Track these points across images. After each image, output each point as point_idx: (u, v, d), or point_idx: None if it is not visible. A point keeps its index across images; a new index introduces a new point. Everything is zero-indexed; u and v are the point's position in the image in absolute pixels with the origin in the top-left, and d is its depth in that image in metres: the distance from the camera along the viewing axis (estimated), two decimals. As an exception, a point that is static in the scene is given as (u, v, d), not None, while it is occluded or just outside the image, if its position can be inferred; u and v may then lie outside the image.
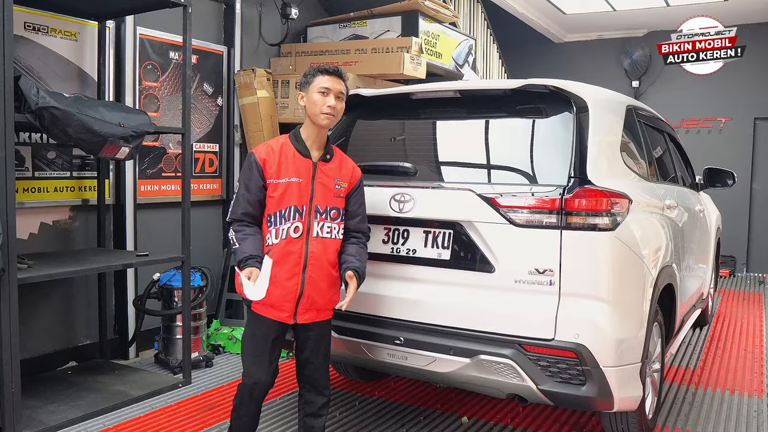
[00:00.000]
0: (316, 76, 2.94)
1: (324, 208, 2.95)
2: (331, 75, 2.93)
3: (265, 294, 2.76)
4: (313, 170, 2.95)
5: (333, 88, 2.91)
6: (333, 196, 2.98)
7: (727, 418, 4.00)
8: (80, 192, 4.75)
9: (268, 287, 2.77)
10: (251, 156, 2.95)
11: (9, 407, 3.42)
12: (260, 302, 2.85)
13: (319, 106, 2.90)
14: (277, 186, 2.91)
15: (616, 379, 2.93)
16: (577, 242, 2.92)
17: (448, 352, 3.09)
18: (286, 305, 2.90)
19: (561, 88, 3.22)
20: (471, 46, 7.16)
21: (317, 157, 2.98)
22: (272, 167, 2.91)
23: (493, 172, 3.30)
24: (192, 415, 3.90)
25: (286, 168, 2.92)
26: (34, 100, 3.38)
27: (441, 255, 3.19)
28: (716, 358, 5.28)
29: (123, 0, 4.40)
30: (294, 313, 2.92)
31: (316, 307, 2.97)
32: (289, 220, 2.90)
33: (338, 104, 2.94)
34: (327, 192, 2.97)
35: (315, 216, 2.93)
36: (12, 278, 3.39)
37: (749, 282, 9.22)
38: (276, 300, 2.88)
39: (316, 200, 2.93)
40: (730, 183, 5.78)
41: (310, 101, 2.93)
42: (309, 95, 2.94)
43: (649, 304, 3.24)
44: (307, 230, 2.91)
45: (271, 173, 2.91)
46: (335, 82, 2.93)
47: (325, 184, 2.97)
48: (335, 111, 2.93)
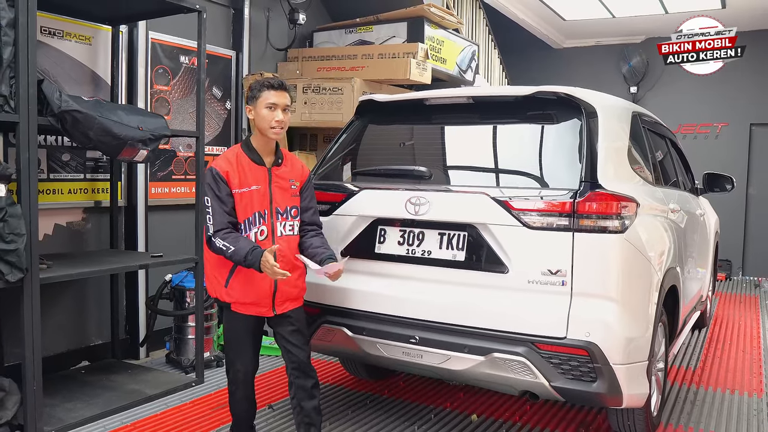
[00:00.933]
0: (263, 91, 3.10)
1: (284, 209, 3.19)
2: (276, 90, 3.10)
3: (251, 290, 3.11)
4: (269, 176, 3.16)
5: (279, 103, 3.09)
6: (290, 196, 3.22)
7: (728, 416, 4.11)
8: (93, 194, 4.83)
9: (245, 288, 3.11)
10: (212, 170, 3.09)
11: (31, 404, 3.49)
12: (240, 302, 3.14)
13: (267, 121, 3.08)
14: (241, 195, 3.10)
15: (625, 377, 3.03)
16: (588, 244, 3.02)
17: (462, 351, 3.18)
18: (264, 301, 3.14)
19: (571, 95, 3.32)
20: (474, 51, 7.27)
21: (270, 163, 3.18)
22: (235, 179, 3.09)
23: (505, 176, 3.41)
24: (207, 413, 3.98)
25: (246, 178, 3.11)
26: (57, 104, 3.47)
27: (456, 256, 3.29)
28: (715, 359, 5.39)
29: (138, 5, 4.48)
30: (272, 306, 3.16)
31: (290, 297, 3.22)
32: (255, 225, 3.12)
33: (285, 117, 3.12)
34: (284, 193, 3.19)
35: (277, 217, 3.16)
36: (34, 278, 3.47)
37: (745, 285, 9.36)
38: (255, 298, 3.13)
39: (276, 203, 3.16)
40: (729, 188, 5.90)
41: (258, 116, 3.11)
42: (257, 110, 3.11)
43: (656, 304, 3.35)
44: (272, 231, 3.13)
45: (235, 184, 3.09)
46: (281, 96, 3.10)
47: (281, 186, 3.19)
48: (283, 124, 3.11)
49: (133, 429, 3.73)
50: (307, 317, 3.43)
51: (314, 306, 3.62)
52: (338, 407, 4.11)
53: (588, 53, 11.05)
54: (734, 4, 8.47)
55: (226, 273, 3.12)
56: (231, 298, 3.14)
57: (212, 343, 4.97)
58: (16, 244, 3.29)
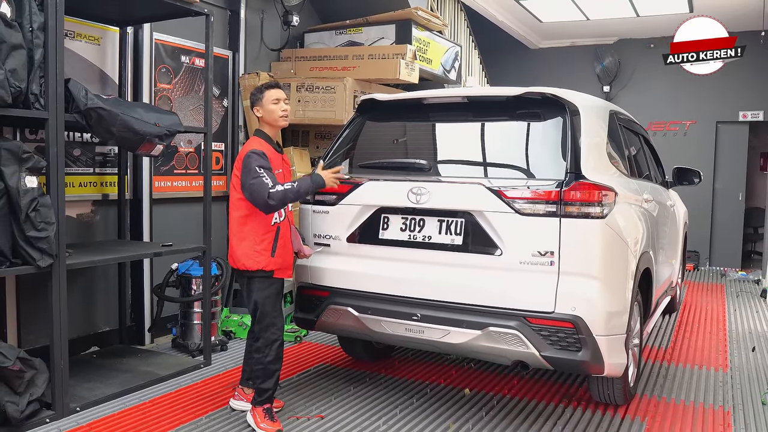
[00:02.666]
0: (265, 92, 3.70)
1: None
2: (277, 88, 3.73)
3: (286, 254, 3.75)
4: (283, 162, 3.80)
5: (281, 97, 3.71)
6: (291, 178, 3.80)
7: (696, 388, 4.51)
8: (101, 187, 5.07)
9: (285, 255, 3.70)
10: (256, 151, 3.59)
11: (58, 382, 3.76)
12: (282, 267, 3.69)
13: (276, 113, 3.69)
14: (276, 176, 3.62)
15: (606, 347, 3.39)
16: (573, 228, 3.38)
17: (460, 326, 3.53)
18: (291, 264, 3.82)
19: (557, 96, 3.68)
20: (457, 52, 7.62)
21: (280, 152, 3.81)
22: (269, 161, 3.60)
23: (498, 168, 3.75)
24: (219, 391, 4.27)
25: (274, 162, 3.66)
26: (83, 102, 3.73)
27: (454, 241, 3.63)
28: (685, 340, 5.81)
29: (147, 8, 4.72)
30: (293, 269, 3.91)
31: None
32: None
33: (287, 107, 3.76)
34: (288, 176, 3.81)
35: None
36: (62, 264, 3.73)
37: (712, 275, 9.87)
38: (290, 262, 3.76)
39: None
40: (696, 181, 6.33)
41: (267, 111, 3.70)
42: (265, 107, 3.70)
43: (632, 283, 3.72)
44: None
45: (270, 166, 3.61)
46: (281, 93, 3.73)
47: (287, 170, 3.83)
48: (287, 113, 3.74)
49: (152, 405, 4.00)
50: (314, 299, 3.81)
51: (322, 289, 3.94)
52: (340, 384, 4.42)
53: (563, 53, 11.48)
54: (702, 8, 8.93)
55: (270, 243, 3.61)
56: (276, 265, 3.64)
57: (216, 329, 5.25)
58: (47, 231, 3.56)
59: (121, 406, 3.98)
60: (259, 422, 3.60)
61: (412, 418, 3.87)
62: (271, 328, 3.65)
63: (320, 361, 4.94)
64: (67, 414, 3.79)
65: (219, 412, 3.92)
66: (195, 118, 5.74)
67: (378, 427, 3.74)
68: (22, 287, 4.41)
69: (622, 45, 10.95)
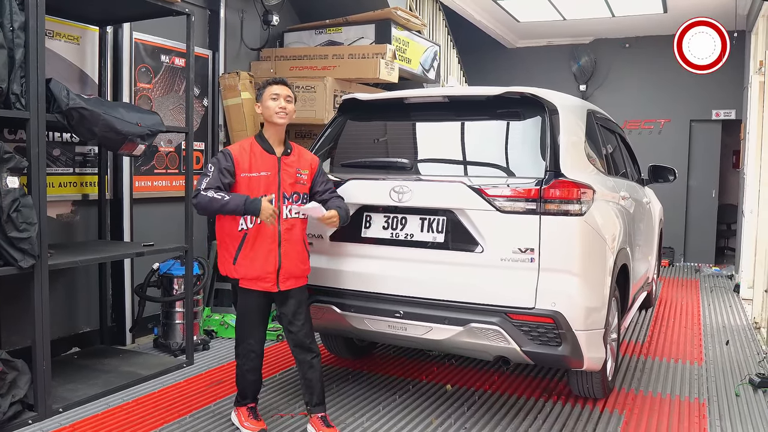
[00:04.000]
0: (267, 87, 3.56)
1: (290, 194, 3.53)
2: (278, 84, 3.56)
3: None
4: (278, 164, 3.52)
5: (282, 93, 3.52)
6: (296, 182, 3.56)
7: (672, 381, 4.61)
8: (81, 187, 5.04)
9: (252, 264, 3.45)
10: (226, 151, 3.51)
11: (41, 383, 3.75)
12: (247, 278, 3.48)
13: (272, 109, 3.50)
14: (249, 180, 3.46)
15: (585, 341, 3.47)
16: (553, 225, 3.45)
17: (443, 322, 3.58)
18: (269, 276, 3.48)
19: (536, 95, 3.75)
20: (436, 51, 7.68)
21: (280, 152, 3.55)
22: (245, 163, 3.48)
23: (479, 167, 3.81)
24: (202, 390, 4.28)
25: (256, 164, 3.48)
26: (64, 102, 3.72)
27: (436, 238, 3.68)
28: (661, 334, 5.93)
29: (127, 7, 4.70)
30: (276, 282, 3.50)
31: (294, 276, 3.56)
32: None
33: (288, 105, 3.53)
34: (291, 180, 3.54)
35: (283, 201, 3.50)
36: (44, 264, 3.72)
37: (686, 270, 10.05)
38: (260, 273, 3.47)
39: (283, 188, 3.51)
40: (671, 179, 6.45)
41: (265, 107, 3.54)
42: (264, 103, 3.55)
43: (610, 279, 3.80)
44: (279, 214, 3.45)
45: (244, 168, 3.47)
46: (282, 88, 3.54)
47: (289, 173, 3.54)
48: (286, 110, 3.52)
49: (135, 405, 4.00)
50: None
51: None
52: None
53: (540, 53, 11.60)
54: (675, 8, 9.09)
55: (233, 251, 3.47)
56: (239, 274, 3.48)
57: (198, 328, 5.25)
58: (29, 232, 3.54)
59: (104, 406, 3.98)
60: (243, 421, 3.62)
61: (395, 414, 3.92)
62: (240, 343, 3.61)
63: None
64: (50, 415, 3.78)
65: (203, 410, 3.93)
66: (175, 117, 5.74)
67: (362, 423, 3.78)
68: (3, 288, 4.38)
69: (598, 45, 11.09)
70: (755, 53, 7.85)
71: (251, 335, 3.59)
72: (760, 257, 6.44)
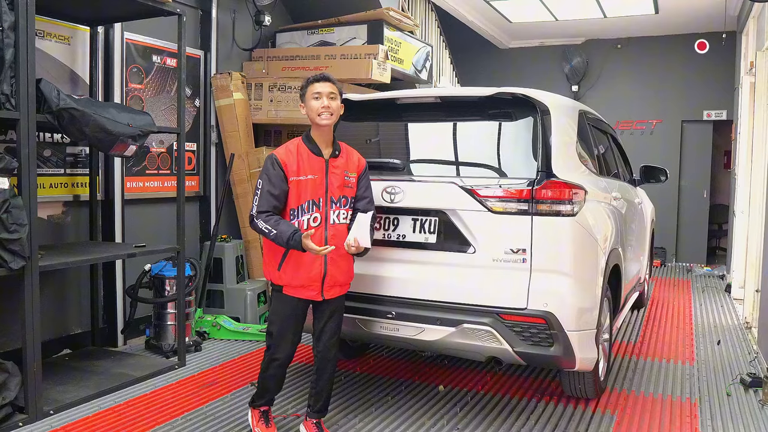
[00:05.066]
0: (308, 86, 3.38)
1: (338, 198, 3.38)
2: (319, 81, 3.37)
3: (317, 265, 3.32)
4: (326, 167, 3.36)
5: (323, 91, 3.34)
6: (344, 186, 3.41)
7: (664, 381, 4.62)
8: (73, 188, 5.02)
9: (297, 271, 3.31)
10: (272, 156, 3.34)
11: (31, 385, 3.72)
12: (292, 285, 3.33)
13: (315, 110, 3.33)
14: (298, 183, 3.31)
15: (577, 342, 3.47)
16: (545, 226, 3.46)
17: (435, 323, 3.58)
18: (314, 284, 3.35)
19: (528, 96, 3.75)
20: (428, 52, 7.68)
21: (328, 155, 3.39)
22: (293, 166, 3.31)
23: (471, 167, 3.82)
24: (195, 391, 4.26)
25: (304, 167, 3.32)
26: (55, 102, 3.70)
27: (428, 239, 3.68)
28: (653, 334, 5.95)
29: (118, 7, 4.68)
30: (321, 291, 3.37)
31: (339, 284, 3.43)
32: (307, 212, 3.33)
33: (332, 103, 3.35)
34: (339, 183, 3.39)
35: (331, 206, 3.36)
36: (34, 266, 3.70)
37: (678, 270, 10.09)
38: (305, 281, 3.33)
39: (330, 192, 3.36)
40: (663, 179, 6.48)
41: (308, 108, 3.37)
42: (307, 103, 3.38)
43: (602, 279, 3.81)
44: (325, 219, 3.34)
45: (292, 171, 3.31)
46: (324, 85, 3.36)
47: (336, 176, 3.39)
48: (331, 109, 3.34)
49: (126, 407, 3.98)
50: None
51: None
52: (316, 383, 4.44)
53: (532, 53, 11.62)
54: (667, 9, 9.12)
55: (279, 257, 3.33)
56: (283, 281, 3.35)
57: (191, 329, 5.23)
58: (19, 233, 3.52)
59: (95, 408, 3.96)
60: (254, 426, 3.55)
61: (388, 415, 3.92)
62: (270, 348, 3.45)
63: (295, 360, 4.93)
64: (41, 417, 3.76)
65: (195, 412, 3.92)
66: (167, 118, 5.72)
67: (354, 424, 3.77)
68: (-8, 290, 4.37)
69: (589, 45, 11.12)
70: (746, 54, 7.89)
71: (280, 345, 3.42)
72: (751, 257, 6.47)
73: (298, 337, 3.48)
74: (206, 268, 5.85)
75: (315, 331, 3.53)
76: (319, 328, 3.50)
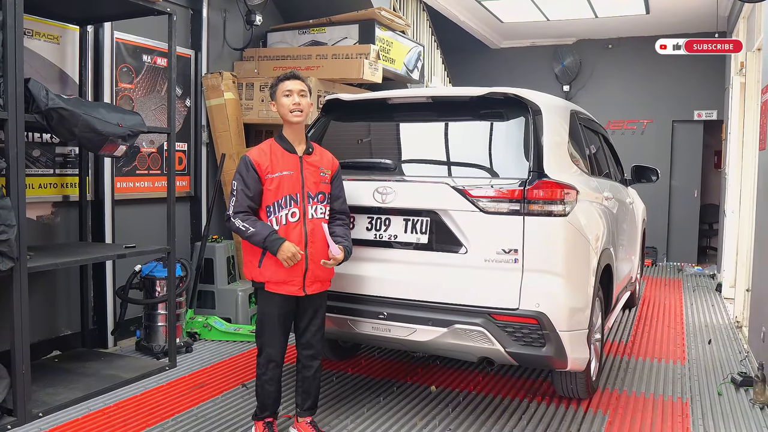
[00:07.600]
0: (278, 85, 3.42)
1: (315, 194, 3.42)
2: (290, 79, 3.41)
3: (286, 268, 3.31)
4: (300, 163, 3.41)
5: (294, 89, 3.37)
6: (320, 182, 3.45)
7: (656, 381, 4.63)
8: (62, 189, 4.98)
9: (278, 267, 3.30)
10: (245, 158, 3.37)
11: (20, 387, 3.69)
12: (273, 281, 3.33)
13: (287, 107, 3.36)
14: (273, 179, 3.35)
15: (569, 342, 3.47)
16: (536, 226, 3.45)
17: (427, 323, 3.57)
18: (295, 280, 3.35)
19: (519, 96, 3.75)
20: (420, 52, 7.68)
21: (301, 151, 3.44)
22: (265, 164, 3.35)
23: (462, 167, 3.80)
24: (185, 393, 4.24)
25: (278, 164, 3.36)
26: (44, 102, 3.67)
27: (419, 239, 3.67)
28: (644, 334, 5.96)
29: (108, 6, 4.65)
30: (303, 286, 3.37)
31: (320, 279, 3.44)
32: (285, 207, 3.35)
33: (302, 100, 3.38)
34: (314, 179, 3.43)
35: (308, 201, 3.39)
36: (23, 267, 3.67)
37: (669, 270, 10.13)
38: (286, 276, 3.34)
39: (307, 187, 3.39)
40: (654, 179, 6.49)
41: (279, 105, 3.41)
42: (278, 101, 3.41)
43: (594, 279, 3.81)
44: (303, 214, 3.36)
45: (266, 169, 3.34)
46: (295, 83, 3.39)
47: (311, 172, 3.43)
48: (301, 107, 3.37)
49: (117, 409, 3.96)
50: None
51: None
52: (308, 384, 4.43)
53: (523, 53, 11.64)
54: (657, 10, 9.15)
55: (258, 254, 3.34)
56: (264, 277, 3.36)
57: (182, 330, 5.20)
58: (7, 234, 3.49)
59: (85, 410, 3.93)
60: None
61: (380, 416, 3.91)
62: (261, 351, 3.45)
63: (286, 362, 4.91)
64: (30, 420, 3.73)
65: (186, 414, 3.89)
66: (157, 118, 5.68)
67: (346, 425, 3.76)
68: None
69: (581, 45, 11.15)
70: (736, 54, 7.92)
71: (272, 343, 3.42)
72: (742, 257, 6.50)
73: (287, 336, 3.50)
74: (197, 268, 5.82)
75: (299, 329, 3.53)
76: (303, 326, 3.51)
